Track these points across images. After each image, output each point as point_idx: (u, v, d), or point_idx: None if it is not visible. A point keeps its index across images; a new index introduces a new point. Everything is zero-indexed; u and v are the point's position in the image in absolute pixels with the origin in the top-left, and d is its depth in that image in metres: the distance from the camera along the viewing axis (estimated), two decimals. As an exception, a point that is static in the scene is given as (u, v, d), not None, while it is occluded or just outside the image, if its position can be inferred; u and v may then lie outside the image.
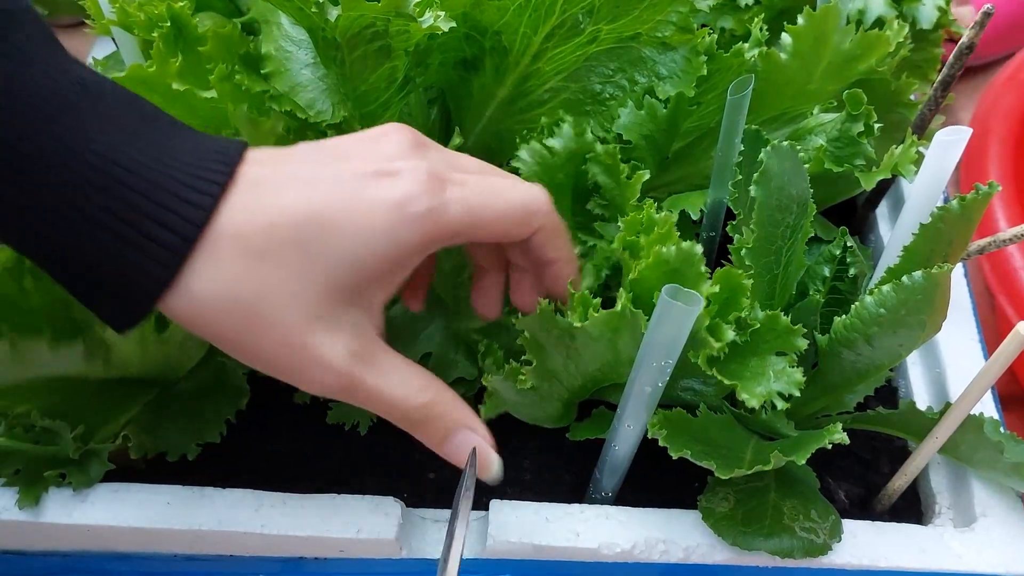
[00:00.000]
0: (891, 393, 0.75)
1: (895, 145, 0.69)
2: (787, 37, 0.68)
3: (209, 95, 0.59)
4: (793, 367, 0.51)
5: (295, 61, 0.66)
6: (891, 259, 0.60)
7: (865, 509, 0.68)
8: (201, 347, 0.64)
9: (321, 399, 0.69)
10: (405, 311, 0.66)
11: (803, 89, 0.71)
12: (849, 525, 0.61)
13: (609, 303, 0.51)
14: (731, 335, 0.50)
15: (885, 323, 0.53)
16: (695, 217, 0.69)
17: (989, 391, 0.69)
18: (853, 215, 0.87)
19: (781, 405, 0.50)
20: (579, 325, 0.50)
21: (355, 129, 0.59)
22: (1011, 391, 0.91)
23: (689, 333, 0.46)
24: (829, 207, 0.80)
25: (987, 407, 0.69)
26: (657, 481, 0.67)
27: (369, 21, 0.55)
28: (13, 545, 0.63)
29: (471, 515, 0.64)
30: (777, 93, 0.71)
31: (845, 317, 0.56)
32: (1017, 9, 1.14)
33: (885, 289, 0.53)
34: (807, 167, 0.64)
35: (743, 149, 0.62)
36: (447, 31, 0.57)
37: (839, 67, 0.69)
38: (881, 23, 0.79)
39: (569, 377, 0.58)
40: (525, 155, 0.62)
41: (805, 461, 0.53)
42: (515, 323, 0.54)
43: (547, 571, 0.61)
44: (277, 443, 0.70)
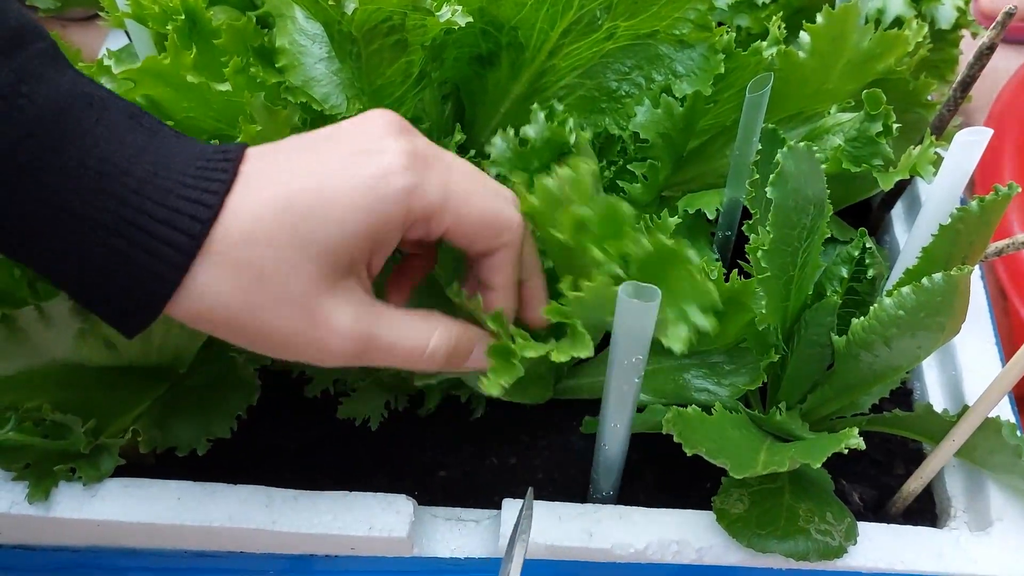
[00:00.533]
0: (906, 395, 0.74)
1: (913, 145, 0.68)
2: (805, 36, 0.67)
3: (224, 88, 0.59)
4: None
5: (309, 55, 0.66)
6: (909, 260, 0.59)
7: (879, 512, 0.68)
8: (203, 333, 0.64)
9: (332, 393, 0.68)
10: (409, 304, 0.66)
11: (821, 88, 0.70)
12: (864, 528, 0.61)
13: None
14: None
15: (904, 325, 0.53)
16: (711, 216, 0.68)
17: (1007, 394, 0.69)
18: (868, 215, 0.86)
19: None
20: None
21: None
22: (1021, 392, 0.91)
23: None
24: (844, 208, 0.79)
25: (1003, 410, 0.68)
26: (670, 483, 0.67)
27: (386, 15, 0.55)
28: (23, 540, 0.63)
29: (483, 514, 0.63)
30: (795, 92, 0.70)
31: (863, 318, 0.55)
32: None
33: (904, 291, 0.52)
34: (824, 167, 0.63)
35: (760, 148, 0.62)
36: (463, 26, 0.57)
37: (857, 66, 0.69)
38: (900, 23, 0.79)
39: None
40: (499, 143, 0.59)
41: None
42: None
43: (560, 571, 0.61)
44: (287, 439, 0.70)
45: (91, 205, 0.40)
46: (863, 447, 0.52)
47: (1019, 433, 0.61)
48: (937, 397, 0.72)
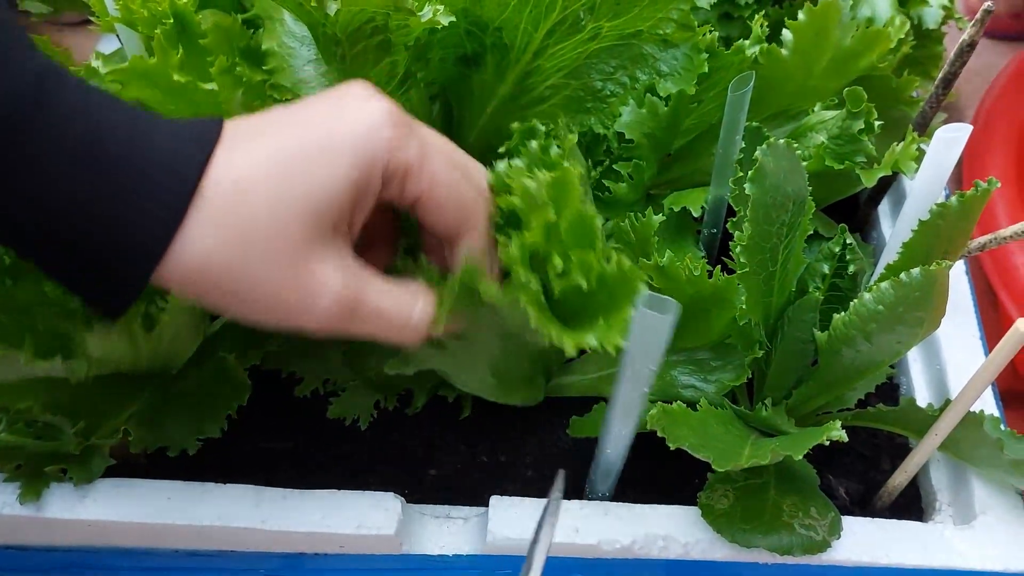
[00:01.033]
0: (893, 390, 0.74)
1: (896, 142, 0.69)
2: (788, 33, 0.68)
3: (210, 87, 0.59)
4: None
5: (298, 57, 0.66)
6: (891, 256, 0.60)
7: (866, 506, 0.68)
8: (193, 339, 0.64)
9: (322, 393, 0.69)
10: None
11: (804, 86, 0.71)
12: (849, 522, 0.61)
13: None
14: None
15: (883, 320, 0.53)
16: (696, 214, 0.69)
17: (990, 388, 0.69)
18: (855, 212, 0.87)
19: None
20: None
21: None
22: (1014, 388, 0.91)
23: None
24: (831, 204, 0.80)
25: (988, 404, 0.68)
26: (658, 480, 0.67)
27: (369, 16, 0.56)
28: (15, 540, 0.63)
29: (471, 511, 0.64)
30: (778, 90, 0.71)
31: (844, 314, 0.56)
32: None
33: (884, 286, 0.53)
34: (807, 164, 0.64)
35: (744, 146, 0.62)
36: (447, 26, 0.57)
37: (840, 63, 0.69)
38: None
39: (484, 337, 0.55)
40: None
41: (804, 456, 0.53)
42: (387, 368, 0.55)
43: (547, 567, 0.61)
44: (278, 439, 0.70)
45: (75, 171, 0.40)
46: (845, 439, 0.52)
47: (1003, 427, 0.61)
48: (923, 392, 0.72)
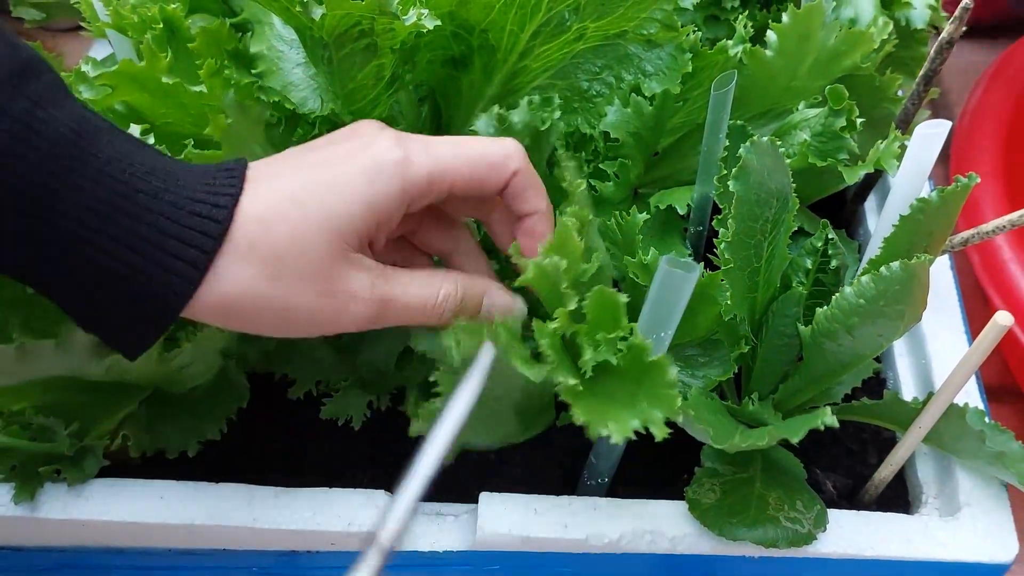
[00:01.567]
0: (880, 385, 0.75)
1: (880, 140, 0.69)
2: (772, 35, 0.68)
3: (199, 89, 0.60)
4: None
5: (287, 60, 0.67)
6: (874, 251, 0.61)
7: (853, 500, 0.69)
8: (204, 373, 0.65)
9: (315, 394, 0.69)
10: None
11: (789, 85, 0.71)
12: (835, 515, 0.62)
13: None
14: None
15: (865, 314, 0.54)
16: (682, 212, 0.70)
17: (974, 382, 0.70)
18: (842, 209, 0.87)
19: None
20: (459, 359, 0.48)
21: (345, 121, 0.62)
22: (1004, 382, 0.92)
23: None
24: (817, 201, 0.80)
25: (972, 397, 0.69)
26: (648, 478, 0.68)
27: (355, 20, 0.56)
28: (10, 541, 0.64)
29: (461, 508, 0.64)
30: (763, 89, 0.72)
31: (826, 308, 0.56)
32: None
33: (864, 280, 0.53)
34: (791, 162, 0.65)
35: (729, 144, 0.63)
36: (433, 29, 0.58)
37: (824, 64, 0.70)
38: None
39: (506, 390, 0.55)
40: (483, 122, 0.62)
41: (790, 450, 0.53)
42: (413, 344, 0.56)
43: (536, 562, 0.62)
44: (271, 439, 0.71)
45: (107, 221, 0.43)
46: (836, 425, 0.53)
47: (986, 419, 0.62)
48: (909, 386, 0.73)
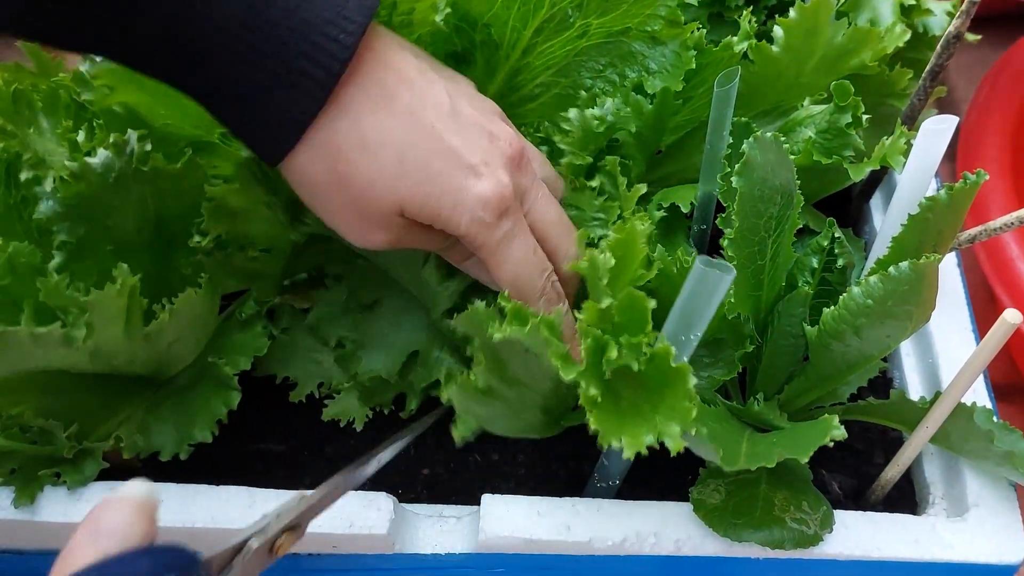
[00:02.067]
0: (886, 384, 0.74)
1: (886, 137, 0.69)
2: (779, 30, 0.68)
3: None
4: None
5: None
6: (881, 250, 0.60)
7: (859, 500, 0.68)
8: (193, 350, 0.64)
9: (317, 396, 0.69)
10: (387, 307, 0.68)
11: (795, 82, 0.70)
12: (841, 516, 0.61)
13: None
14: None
15: (872, 314, 0.53)
16: (686, 210, 0.69)
17: (983, 381, 0.69)
18: (848, 207, 0.86)
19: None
20: (500, 336, 0.46)
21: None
22: (1012, 381, 0.91)
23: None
24: (823, 199, 0.80)
25: (980, 397, 0.68)
26: (653, 478, 0.67)
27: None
28: (10, 544, 0.64)
29: (464, 510, 0.64)
30: (769, 86, 0.71)
31: (833, 309, 0.56)
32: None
33: (872, 280, 0.53)
34: (796, 159, 0.64)
35: (732, 142, 0.62)
36: (437, 23, 0.58)
37: (831, 61, 0.69)
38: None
39: (535, 380, 0.54)
40: (574, 115, 0.64)
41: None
42: (453, 323, 0.55)
43: (539, 564, 0.61)
44: (273, 441, 0.70)
45: (238, 40, 0.46)
46: (845, 436, 0.52)
47: (995, 419, 0.61)
48: (916, 385, 0.72)
